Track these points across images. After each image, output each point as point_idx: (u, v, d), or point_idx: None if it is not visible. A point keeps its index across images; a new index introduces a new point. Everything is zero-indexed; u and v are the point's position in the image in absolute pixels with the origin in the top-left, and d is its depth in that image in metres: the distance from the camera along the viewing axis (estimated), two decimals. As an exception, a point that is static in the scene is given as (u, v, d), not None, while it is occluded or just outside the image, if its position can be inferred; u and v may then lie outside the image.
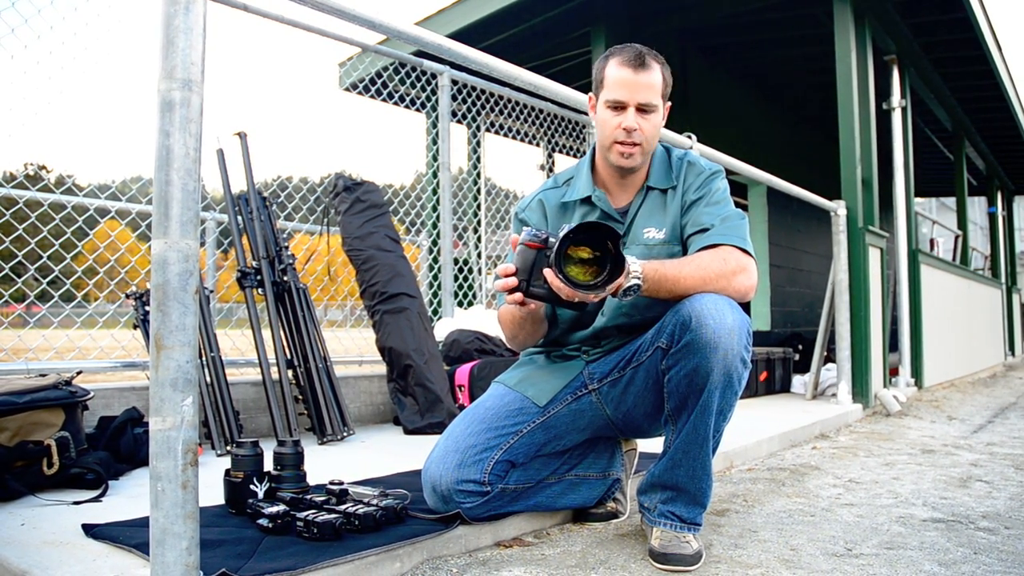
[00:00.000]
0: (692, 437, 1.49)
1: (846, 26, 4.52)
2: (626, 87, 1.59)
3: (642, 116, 1.60)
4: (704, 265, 1.50)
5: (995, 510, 2.00)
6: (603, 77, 1.63)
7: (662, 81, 1.62)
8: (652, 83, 1.60)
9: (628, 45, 1.64)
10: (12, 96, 2.57)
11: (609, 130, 1.61)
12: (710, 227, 1.58)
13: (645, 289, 1.45)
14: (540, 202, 1.76)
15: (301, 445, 1.72)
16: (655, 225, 1.66)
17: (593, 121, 1.69)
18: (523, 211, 1.78)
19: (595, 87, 1.68)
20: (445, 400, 3.08)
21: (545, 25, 5.47)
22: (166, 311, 1.09)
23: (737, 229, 1.58)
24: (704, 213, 1.61)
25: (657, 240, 1.64)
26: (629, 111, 1.59)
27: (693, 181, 1.66)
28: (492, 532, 1.63)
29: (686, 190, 1.66)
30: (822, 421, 3.54)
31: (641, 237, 1.65)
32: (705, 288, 1.48)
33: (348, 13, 1.66)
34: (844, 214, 4.33)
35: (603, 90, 1.63)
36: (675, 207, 1.66)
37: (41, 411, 1.95)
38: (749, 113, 7.50)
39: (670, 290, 1.48)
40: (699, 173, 1.67)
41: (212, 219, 4.12)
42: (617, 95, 1.59)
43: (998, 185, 10.39)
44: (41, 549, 1.40)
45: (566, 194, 1.74)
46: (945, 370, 6.19)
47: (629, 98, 1.59)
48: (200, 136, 1.14)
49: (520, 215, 1.78)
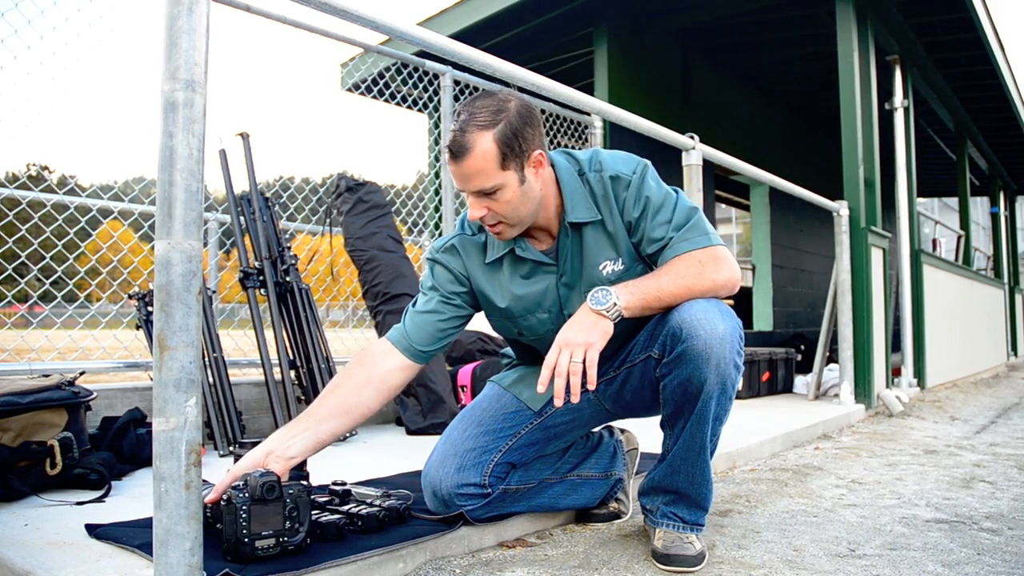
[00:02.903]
0: (690, 444, 1.49)
1: (848, 26, 4.52)
2: (457, 179, 1.43)
3: (488, 199, 1.43)
4: (681, 274, 1.45)
5: (998, 511, 2.00)
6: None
7: (494, 154, 1.39)
8: (478, 169, 1.39)
9: (457, 117, 1.44)
10: (15, 97, 2.57)
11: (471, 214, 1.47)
12: (667, 240, 1.50)
13: (632, 313, 1.43)
14: (455, 247, 1.62)
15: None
16: (609, 258, 1.55)
17: None
18: (438, 253, 1.63)
19: None
20: (447, 400, 3.08)
21: (547, 26, 5.47)
22: (169, 312, 1.09)
23: (694, 228, 1.50)
24: (653, 227, 1.51)
25: (619, 271, 1.55)
26: (472, 199, 1.45)
27: (626, 196, 1.52)
28: (495, 532, 1.63)
29: (623, 209, 1.53)
30: (825, 421, 3.53)
31: (600, 275, 1.54)
32: (691, 295, 1.44)
33: (351, 14, 1.66)
34: (846, 214, 4.33)
35: None
36: (620, 230, 1.54)
37: (44, 411, 1.95)
38: (751, 113, 7.50)
39: (659, 307, 1.46)
40: (627, 185, 1.52)
41: (215, 219, 4.12)
42: (459, 187, 1.45)
43: (1001, 185, 10.37)
44: (44, 549, 1.40)
45: (487, 251, 1.59)
46: (948, 370, 6.18)
47: (464, 188, 1.43)
48: (203, 137, 1.14)
49: (437, 258, 1.63)
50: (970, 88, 7.02)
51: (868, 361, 4.32)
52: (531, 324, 1.60)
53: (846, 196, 4.44)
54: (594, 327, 1.39)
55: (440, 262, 1.62)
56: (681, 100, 6.20)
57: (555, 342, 1.40)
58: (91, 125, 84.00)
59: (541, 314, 1.59)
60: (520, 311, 1.59)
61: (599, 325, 1.40)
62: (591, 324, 1.40)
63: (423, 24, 5.41)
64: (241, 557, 1.26)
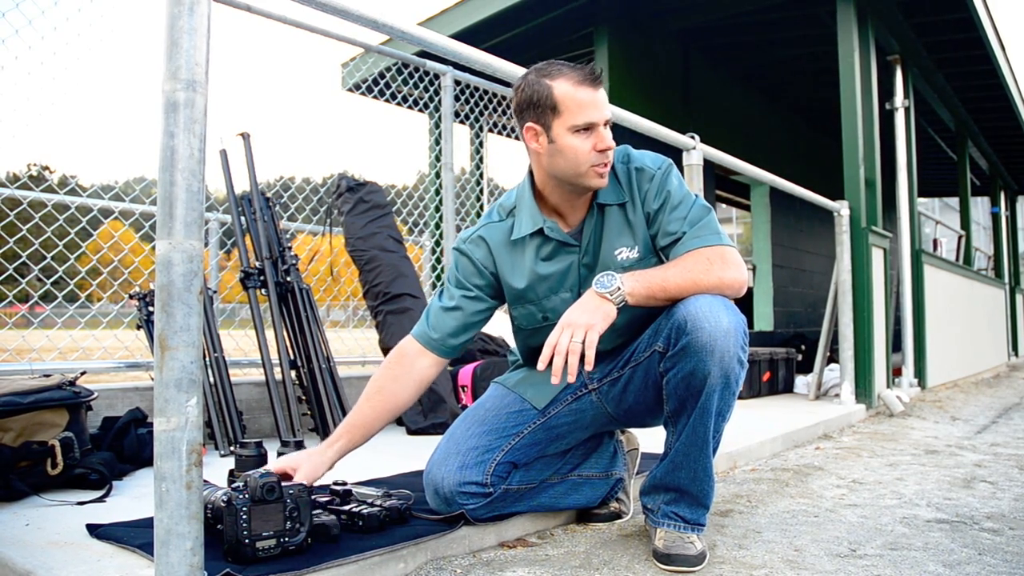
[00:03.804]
0: (692, 440, 1.49)
1: (849, 26, 4.52)
2: (595, 107, 1.49)
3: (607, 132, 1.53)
4: (689, 268, 1.48)
5: (999, 511, 2.00)
6: (556, 102, 1.49)
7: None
8: (606, 101, 1.54)
9: (560, 63, 1.53)
10: (16, 97, 2.57)
11: (584, 155, 1.49)
12: (680, 235, 1.54)
13: (636, 300, 1.45)
14: (482, 238, 1.67)
15: (304, 446, 1.72)
16: (626, 245, 1.60)
17: (539, 148, 1.54)
18: (465, 243, 1.69)
19: (541, 113, 1.51)
20: (448, 400, 3.08)
21: (548, 25, 5.47)
22: (170, 312, 1.09)
23: (707, 227, 1.54)
24: (669, 221, 1.56)
25: (633, 259, 1.60)
26: (600, 130, 1.50)
27: (648, 188, 1.59)
28: (496, 532, 1.63)
29: (644, 200, 1.59)
30: (825, 421, 3.53)
31: (614, 259, 1.59)
32: (696, 290, 1.47)
33: (351, 13, 1.66)
34: (847, 214, 4.32)
35: (562, 115, 1.49)
36: (639, 220, 1.60)
37: (45, 411, 1.96)
38: (752, 113, 7.50)
39: (664, 297, 1.47)
40: (651, 178, 1.59)
41: (215, 220, 4.12)
42: (589, 117, 1.48)
43: (1001, 185, 10.36)
44: (45, 549, 1.40)
45: (513, 228, 1.64)
46: (948, 370, 6.18)
47: (600, 117, 1.49)
48: (204, 137, 1.14)
49: (462, 248, 1.68)
50: (971, 88, 7.01)
51: (869, 361, 4.32)
52: (555, 305, 1.63)
53: (847, 196, 4.44)
54: (597, 310, 1.42)
55: (465, 253, 1.68)
56: (682, 100, 6.20)
57: (558, 323, 1.44)
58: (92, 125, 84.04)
59: (564, 293, 1.62)
60: (544, 291, 1.63)
61: (602, 308, 1.43)
62: (595, 307, 1.43)
63: (424, 24, 5.41)
64: (242, 557, 1.26)
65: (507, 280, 1.66)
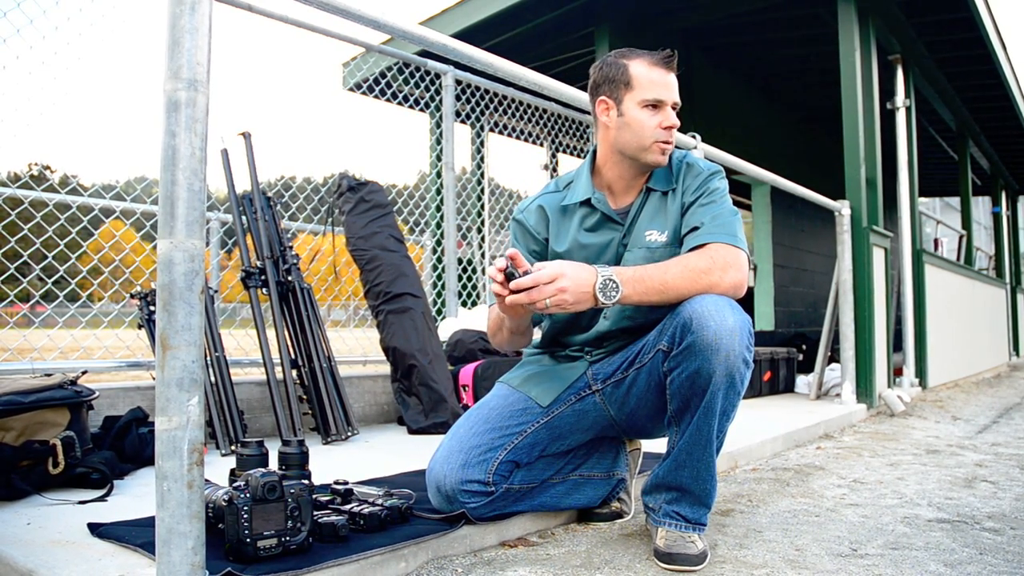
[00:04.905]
0: (695, 438, 1.49)
1: (850, 25, 4.51)
2: (665, 87, 1.62)
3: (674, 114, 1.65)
4: (690, 265, 1.50)
5: (1000, 510, 2.00)
6: (631, 78, 1.62)
7: None
8: (677, 84, 1.65)
9: (638, 49, 1.66)
10: (17, 97, 2.57)
11: (649, 130, 1.61)
12: (700, 226, 1.58)
13: (629, 294, 1.46)
14: (540, 207, 1.76)
15: (306, 445, 1.72)
16: (657, 228, 1.66)
17: (608, 122, 1.66)
18: (521, 213, 1.79)
19: (615, 88, 1.64)
20: (449, 400, 3.08)
21: (549, 25, 5.47)
22: (172, 311, 1.09)
23: (726, 226, 1.57)
24: (697, 213, 1.61)
25: (659, 243, 1.64)
26: (667, 110, 1.62)
27: (691, 183, 1.66)
28: (497, 532, 1.63)
29: (684, 191, 1.66)
30: (826, 421, 3.53)
31: (643, 240, 1.65)
32: (695, 287, 1.48)
33: (353, 13, 1.66)
34: (848, 214, 4.32)
35: (634, 90, 1.62)
36: (675, 209, 1.66)
37: (46, 411, 1.96)
38: (753, 113, 7.49)
39: (660, 292, 1.48)
40: (697, 174, 1.66)
41: (216, 219, 4.13)
42: (658, 94, 1.61)
43: (1002, 185, 10.36)
44: (47, 548, 1.40)
45: (566, 197, 1.74)
46: (949, 370, 6.18)
47: (668, 97, 1.62)
48: (206, 136, 1.14)
49: (518, 216, 1.79)
50: (972, 87, 7.01)
51: (870, 361, 4.31)
52: None
53: (848, 195, 4.44)
54: (581, 299, 1.44)
55: (521, 221, 1.78)
56: (682, 99, 6.18)
57: (560, 266, 1.43)
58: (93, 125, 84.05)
59: None
60: (581, 260, 1.64)
61: (586, 302, 1.45)
62: (584, 298, 1.44)
63: (425, 23, 5.41)
64: (243, 557, 1.27)
65: (552, 244, 1.73)
